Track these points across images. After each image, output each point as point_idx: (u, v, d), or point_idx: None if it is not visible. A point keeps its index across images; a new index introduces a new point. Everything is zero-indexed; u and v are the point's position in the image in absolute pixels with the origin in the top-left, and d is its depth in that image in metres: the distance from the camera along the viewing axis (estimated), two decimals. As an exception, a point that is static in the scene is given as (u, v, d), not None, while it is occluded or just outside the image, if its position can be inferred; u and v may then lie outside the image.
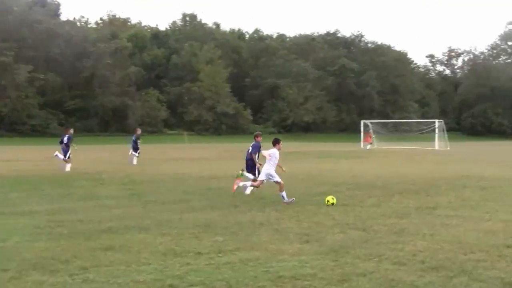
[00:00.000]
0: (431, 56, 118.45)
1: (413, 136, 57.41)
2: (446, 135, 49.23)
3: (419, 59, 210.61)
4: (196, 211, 10.44)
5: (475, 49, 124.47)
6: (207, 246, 7.27)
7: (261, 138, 13.56)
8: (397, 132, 55.17)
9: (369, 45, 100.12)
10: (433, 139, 49.07)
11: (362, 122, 55.14)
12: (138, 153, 25.58)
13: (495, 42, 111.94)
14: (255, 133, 13.93)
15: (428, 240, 7.64)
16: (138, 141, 25.74)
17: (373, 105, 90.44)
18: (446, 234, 8.10)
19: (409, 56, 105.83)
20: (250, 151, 13.42)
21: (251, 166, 13.30)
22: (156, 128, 74.09)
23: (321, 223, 9.05)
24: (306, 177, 17.87)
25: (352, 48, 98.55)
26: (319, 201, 11.69)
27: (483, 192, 13.45)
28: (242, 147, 24.54)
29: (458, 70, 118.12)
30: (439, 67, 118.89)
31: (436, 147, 46.94)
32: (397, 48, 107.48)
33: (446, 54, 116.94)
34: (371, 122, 55.29)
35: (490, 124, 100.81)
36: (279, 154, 11.88)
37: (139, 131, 26.82)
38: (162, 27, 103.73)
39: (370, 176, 17.87)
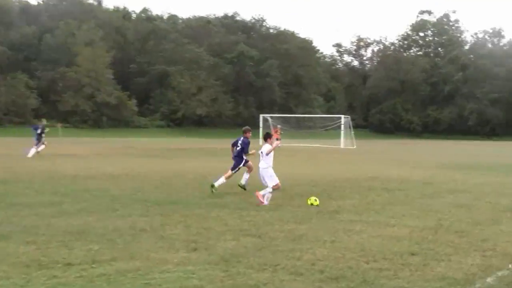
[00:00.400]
0: (338, 45, 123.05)
1: (317, 133, 59.45)
2: (352, 132, 51.56)
3: (326, 48, 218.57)
4: (69, 215, 10.15)
5: (386, 39, 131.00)
6: (79, 256, 7.08)
7: (250, 134, 14.27)
8: (300, 128, 56.86)
9: (271, 30, 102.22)
10: (338, 137, 51.08)
11: (261, 116, 56.15)
12: (39, 147, 26.38)
13: (406, 32, 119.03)
14: (244, 128, 14.38)
15: (329, 247, 7.91)
16: (43, 134, 26.59)
17: (274, 97, 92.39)
18: (348, 240, 8.43)
19: (314, 44, 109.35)
20: (239, 148, 14.13)
21: (237, 163, 14.16)
22: (24, 118, 70.34)
23: (211, 229, 9.08)
24: (196, 177, 17.87)
25: (252, 33, 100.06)
26: (210, 205, 11.75)
27: (389, 195, 14.20)
28: (125, 142, 23.91)
29: (367, 62, 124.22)
30: (347, 58, 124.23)
31: (342, 145, 48.96)
32: (302, 35, 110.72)
33: (355, 44, 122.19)
34: (271, 117, 56.47)
35: (399, 120, 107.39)
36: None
37: (44, 122, 27.97)
38: (33, 1, 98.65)
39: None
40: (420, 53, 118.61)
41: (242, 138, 14.30)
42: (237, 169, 14.41)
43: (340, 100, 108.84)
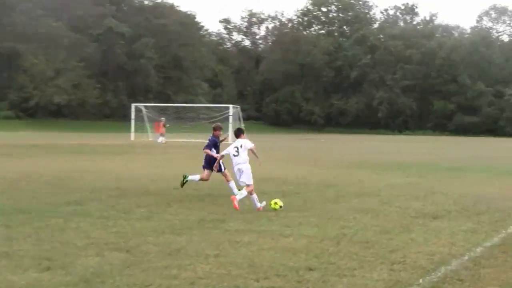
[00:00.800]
0: (226, 21, 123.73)
1: (201, 125, 59.53)
2: (243, 125, 52.13)
3: (211, 24, 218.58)
4: None
5: (282, 15, 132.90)
6: None
7: (221, 132, 15.53)
8: (180, 120, 56.76)
9: (146, 2, 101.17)
10: (226, 130, 51.46)
11: (133, 106, 55.45)
12: None
13: (306, 7, 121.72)
14: (213, 125, 15.63)
15: (212, 263, 7.91)
16: None
17: (149, 83, 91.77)
18: (235, 254, 8.47)
19: (198, 19, 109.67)
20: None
21: (208, 162, 14.87)
22: None
23: (69, 243, 8.86)
24: (52, 179, 17.46)
25: (122, 5, 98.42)
26: (69, 213, 11.49)
27: (285, 199, 14.42)
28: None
29: (260, 41, 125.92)
30: (237, 36, 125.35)
31: (229, 140, 49.35)
32: (183, 9, 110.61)
33: (246, 20, 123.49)
34: (145, 106, 55.91)
35: (298, 111, 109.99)
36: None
37: None
38: None
39: (141, 179, 18.13)
40: (323, 31, 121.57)
41: (210, 136, 15.29)
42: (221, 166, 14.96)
43: (229, 87, 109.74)
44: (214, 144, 15.06)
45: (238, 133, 13.84)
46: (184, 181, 15.29)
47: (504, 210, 13.48)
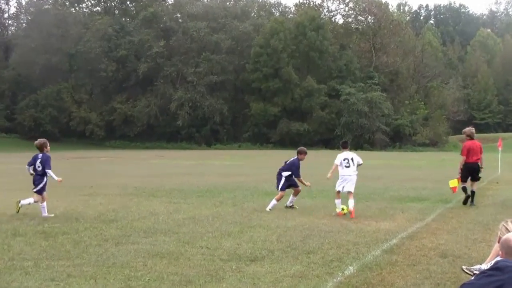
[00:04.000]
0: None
1: None
2: None
3: None
4: None
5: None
6: None
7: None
8: None
9: None
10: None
11: None
12: None
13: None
14: (299, 149, 23.10)
15: None
16: None
17: None
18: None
19: None
20: (286, 170, 22.24)
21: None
22: None
23: None
24: None
25: None
26: None
27: (47, 242, 14.18)
28: None
29: (10, 22, 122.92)
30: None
31: None
32: None
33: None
34: None
35: (68, 120, 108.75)
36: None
37: None
38: None
39: None
40: (98, 8, 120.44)
41: (292, 159, 22.27)
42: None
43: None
44: (298, 167, 22.02)
45: (345, 145, 20.92)
46: None
47: (341, 246, 14.16)
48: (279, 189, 21.82)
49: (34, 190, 19.20)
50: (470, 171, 23.75)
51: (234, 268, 11.81)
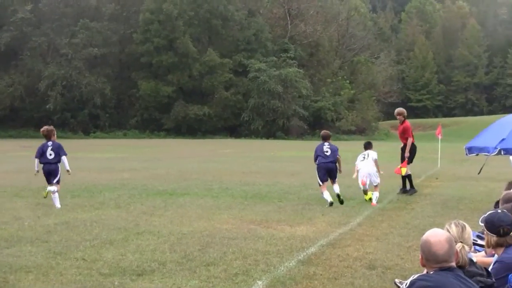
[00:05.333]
0: None
1: None
2: None
3: None
4: None
5: None
6: None
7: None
8: None
9: None
10: None
11: None
12: None
13: None
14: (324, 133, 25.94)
15: None
16: None
17: None
18: None
19: None
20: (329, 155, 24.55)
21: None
22: None
23: None
24: None
25: None
26: None
27: None
28: None
29: None
30: None
31: None
32: None
33: None
34: None
35: None
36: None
37: None
38: None
39: None
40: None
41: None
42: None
43: None
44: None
45: (367, 146, 25.93)
46: None
47: (248, 256, 14.31)
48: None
49: (54, 181, 22.07)
50: (414, 153, 27.38)
51: (117, 284, 11.87)
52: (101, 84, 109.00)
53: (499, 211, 8.67)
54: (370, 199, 24.39)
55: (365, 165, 25.01)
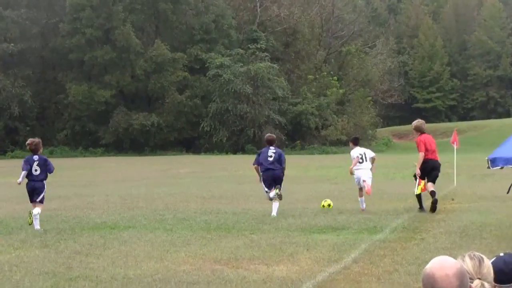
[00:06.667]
0: None
1: None
2: None
3: None
4: None
5: None
6: None
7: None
8: None
9: None
10: None
11: None
12: None
13: None
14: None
15: None
16: None
17: None
18: None
19: None
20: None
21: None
22: None
23: None
24: None
25: None
26: None
27: None
28: None
29: None
30: None
31: None
32: None
33: None
34: None
35: None
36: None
37: None
38: None
39: None
40: None
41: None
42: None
43: None
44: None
45: (355, 142, 30.04)
46: None
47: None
48: None
49: (38, 199, 24.51)
50: (429, 169, 27.89)
51: None
52: (19, 88, 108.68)
53: (502, 254, 8.13)
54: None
55: (365, 169, 28.65)
